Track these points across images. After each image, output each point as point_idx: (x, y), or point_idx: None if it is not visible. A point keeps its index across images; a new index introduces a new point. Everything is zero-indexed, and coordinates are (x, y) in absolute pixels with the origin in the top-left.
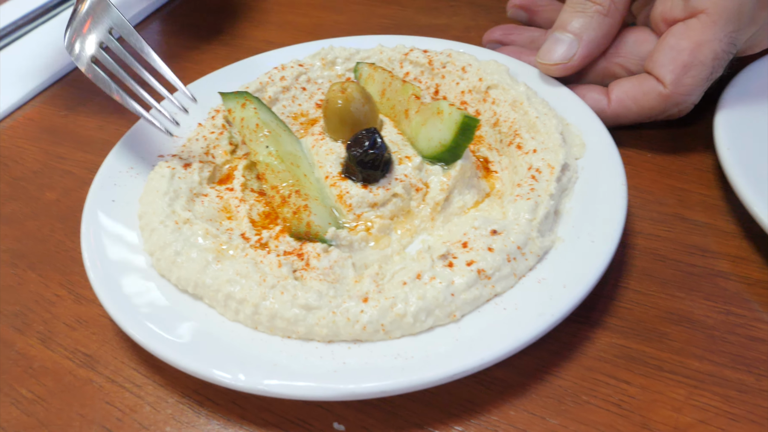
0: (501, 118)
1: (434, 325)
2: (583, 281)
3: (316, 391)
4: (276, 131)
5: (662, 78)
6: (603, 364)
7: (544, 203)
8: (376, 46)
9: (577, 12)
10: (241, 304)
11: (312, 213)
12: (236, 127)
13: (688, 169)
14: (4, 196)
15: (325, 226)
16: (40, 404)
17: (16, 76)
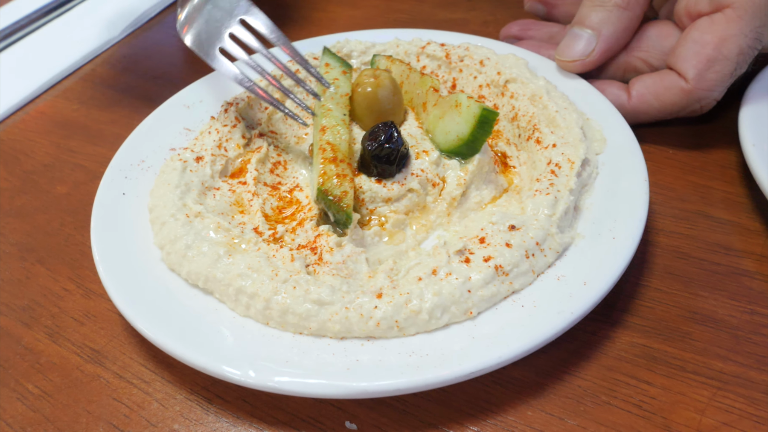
0: (519, 112)
1: (450, 322)
2: (604, 279)
3: (328, 389)
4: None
5: (684, 73)
6: (623, 363)
7: (564, 198)
8: (393, 40)
9: (595, 6)
10: (253, 299)
11: (353, 188)
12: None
13: (711, 165)
14: (14, 189)
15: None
16: (46, 400)
17: (28, 69)
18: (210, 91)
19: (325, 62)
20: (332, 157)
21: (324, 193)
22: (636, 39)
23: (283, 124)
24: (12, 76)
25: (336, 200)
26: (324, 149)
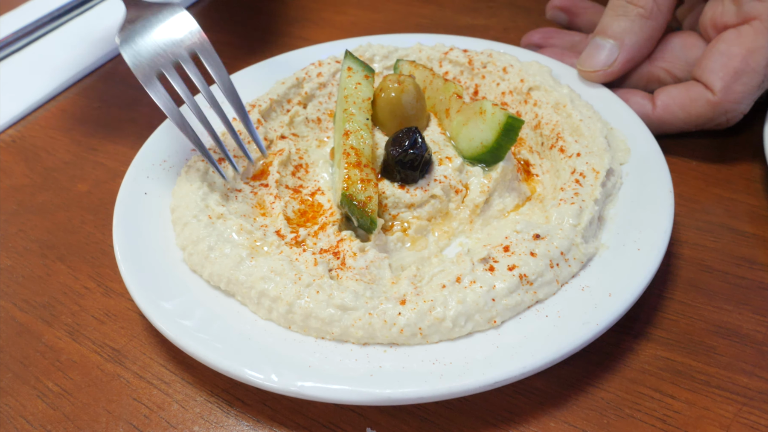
0: (543, 120)
1: (473, 331)
2: (630, 290)
3: (351, 395)
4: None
5: (711, 85)
6: (647, 376)
7: (589, 208)
8: (415, 45)
9: (618, 15)
10: (275, 302)
11: (377, 193)
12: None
13: (735, 178)
14: (35, 186)
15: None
16: (66, 398)
17: (50, 66)
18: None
19: (347, 66)
20: (356, 162)
21: (348, 198)
22: (660, 49)
23: (305, 127)
24: (33, 73)
25: (360, 205)
26: (348, 154)
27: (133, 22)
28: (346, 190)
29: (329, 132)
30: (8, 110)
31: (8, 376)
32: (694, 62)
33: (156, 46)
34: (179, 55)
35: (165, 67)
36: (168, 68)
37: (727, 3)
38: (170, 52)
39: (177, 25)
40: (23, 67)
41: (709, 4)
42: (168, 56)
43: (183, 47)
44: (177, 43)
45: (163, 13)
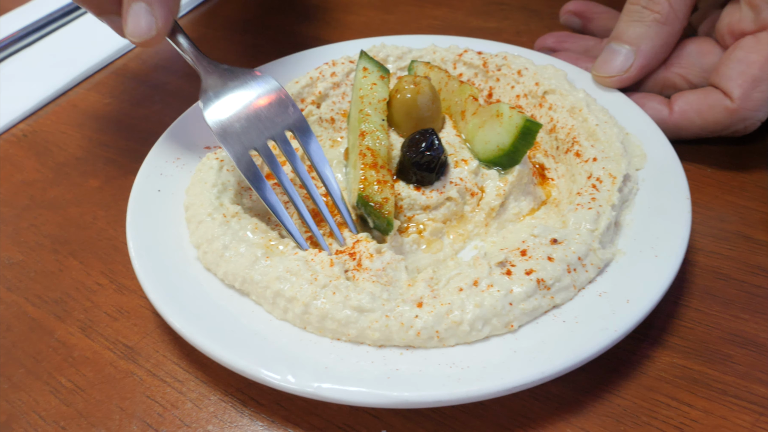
0: (558, 124)
1: (490, 335)
2: (648, 297)
3: (369, 398)
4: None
5: (729, 92)
6: (664, 384)
7: (606, 214)
8: (429, 46)
9: (634, 21)
10: (291, 303)
11: (393, 194)
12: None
13: (750, 186)
14: (47, 181)
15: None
16: (79, 394)
17: (62, 61)
18: None
19: (362, 66)
20: (372, 163)
21: (365, 200)
22: (676, 55)
23: (318, 127)
24: (45, 68)
25: (377, 207)
26: (364, 154)
27: (218, 95)
28: (362, 191)
29: (343, 132)
30: (19, 104)
31: (21, 372)
32: (709, 69)
33: (250, 124)
34: (274, 134)
35: (257, 143)
36: (261, 145)
37: (744, 9)
38: (265, 129)
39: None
40: (35, 62)
41: (726, 11)
42: (263, 134)
43: (278, 124)
44: (271, 119)
45: (249, 82)
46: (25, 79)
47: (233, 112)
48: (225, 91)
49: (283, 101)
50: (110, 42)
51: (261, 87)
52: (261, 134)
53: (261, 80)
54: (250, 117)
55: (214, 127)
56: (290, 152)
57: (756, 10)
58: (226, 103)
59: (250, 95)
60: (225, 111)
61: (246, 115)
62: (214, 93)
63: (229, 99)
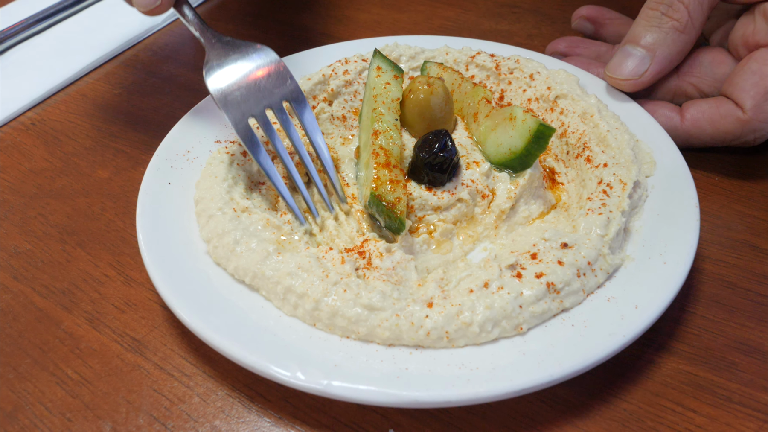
0: (569, 129)
1: (500, 337)
2: (656, 303)
3: (378, 396)
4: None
5: (742, 102)
6: (669, 390)
7: (617, 220)
8: (442, 47)
9: (652, 26)
10: (302, 299)
11: (406, 194)
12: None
13: (757, 195)
14: (55, 171)
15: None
16: (86, 386)
17: (71, 50)
18: None
19: (376, 65)
20: (385, 162)
21: (377, 199)
22: (688, 64)
23: (330, 124)
24: (54, 57)
25: (389, 206)
26: (377, 154)
27: (220, 65)
28: (375, 191)
29: (354, 130)
30: (28, 93)
31: (27, 362)
32: (722, 79)
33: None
34: (272, 103)
35: (256, 111)
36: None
37: (759, 22)
38: (263, 98)
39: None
40: (44, 50)
41: (741, 22)
42: (261, 103)
43: (276, 94)
44: (269, 89)
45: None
46: (34, 68)
47: (234, 80)
48: (227, 61)
49: (282, 73)
50: (120, 32)
51: (261, 59)
52: (259, 102)
53: (261, 52)
54: (249, 86)
55: (216, 94)
56: (286, 120)
57: None
58: (227, 72)
59: (250, 66)
60: (226, 80)
61: (246, 84)
62: (216, 63)
63: (231, 69)
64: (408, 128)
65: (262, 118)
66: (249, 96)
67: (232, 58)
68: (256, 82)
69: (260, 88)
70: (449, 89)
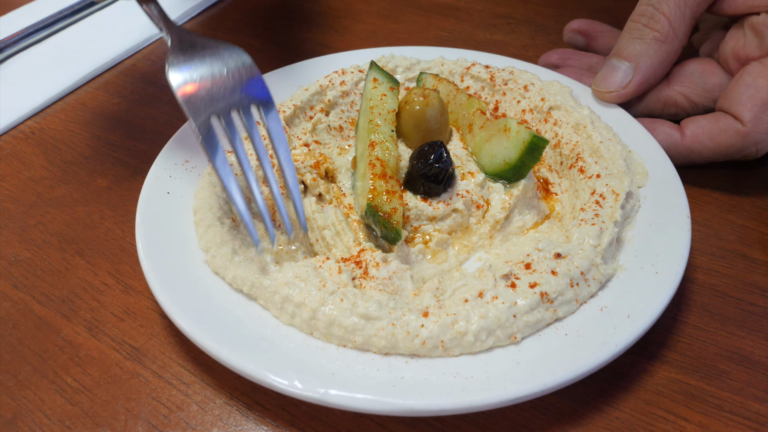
0: (563, 140)
1: (494, 346)
2: (648, 313)
3: (375, 405)
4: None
5: (740, 116)
6: (661, 398)
7: (609, 230)
8: (438, 58)
9: (634, 38)
10: (299, 308)
11: (402, 204)
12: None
13: (747, 205)
14: (55, 179)
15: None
16: (85, 394)
17: (70, 60)
18: None
19: (373, 77)
20: (382, 173)
21: (374, 209)
22: (678, 74)
23: (326, 134)
24: (53, 66)
25: (385, 217)
26: (373, 164)
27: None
28: (371, 201)
29: (351, 140)
30: (27, 102)
31: (27, 369)
32: (711, 89)
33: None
34: (236, 103)
35: (220, 112)
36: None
37: (749, 35)
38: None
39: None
40: (43, 59)
41: (730, 35)
42: (227, 102)
43: (244, 97)
44: (237, 91)
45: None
46: (34, 77)
47: (198, 76)
48: (194, 58)
49: (253, 75)
50: (119, 42)
51: (232, 59)
52: (225, 102)
53: (233, 52)
54: (216, 84)
55: (178, 88)
56: (252, 125)
57: (760, 36)
58: (192, 68)
59: (218, 64)
60: (191, 75)
61: (212, 83)
62: (183, 58)
63: (197, 65)
64: (404, 139)
65: (227, 117)
66: (214, 94)
67: (199, 55)
68: (224, 82)
69: (227, 88)
70: (444, 100)
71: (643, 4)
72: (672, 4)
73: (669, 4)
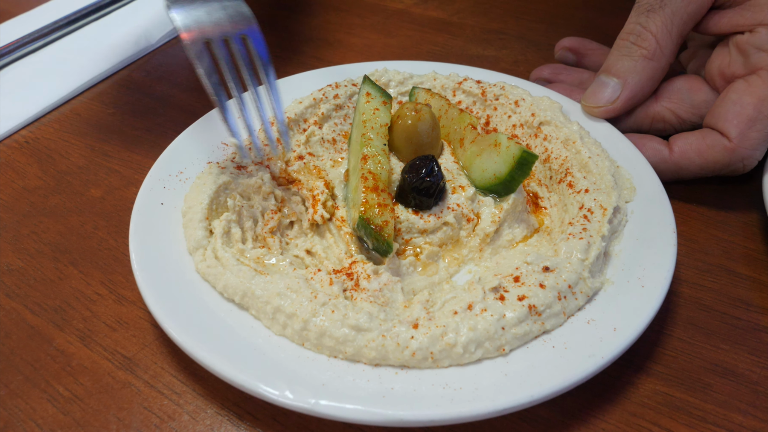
0: (552, 155)
1: (483, 358)
2: (634, 326)
3: (365, 416)
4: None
5: (727, 132)
6: (647, 410)
7: (597, 244)
8: (430, 73)
9: (622, 55)
10: (291, 319)
11: (393, 218)
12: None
13: (733, 221)
14: (48, 189)
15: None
16: (77, 403)
17: (66, 70)
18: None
19: (366, 91)
20: (374, 186)
21: (365, 222)
22: (666, 90)
23: (320, 147)
24: (48, 75)
25: (377, 229)
26: (366, 178)
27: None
28: (363, 214)
29: (343, 153)
30: (22, 111)
31: (19, 379)
32: (698, 105)
33: (209, 16)
34: (228, 33)
35: (213, 39)
36: (216, 42)
37: (734, 54)
38: (220, 27)
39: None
40: (38, 69)
41: (716, 54)
42: (218, 29)
43: (234, 26)
44: (228, 21)
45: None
46: (29, 86)
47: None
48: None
49: (251, 24)
50: (114, 52)
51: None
52: (220, 31)
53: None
54: (212, 19)
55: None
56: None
57: (744, 55)
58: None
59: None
60: (190, 6)
61: (209, 17)
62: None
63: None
64: (396, 153)
65: (221, 47)
66: (211, 23)
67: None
68: (220, 21)
69: (224, 25)
70: (436, 115)
71: (631, 23)
72: (659, 22)
73: (656, 23)
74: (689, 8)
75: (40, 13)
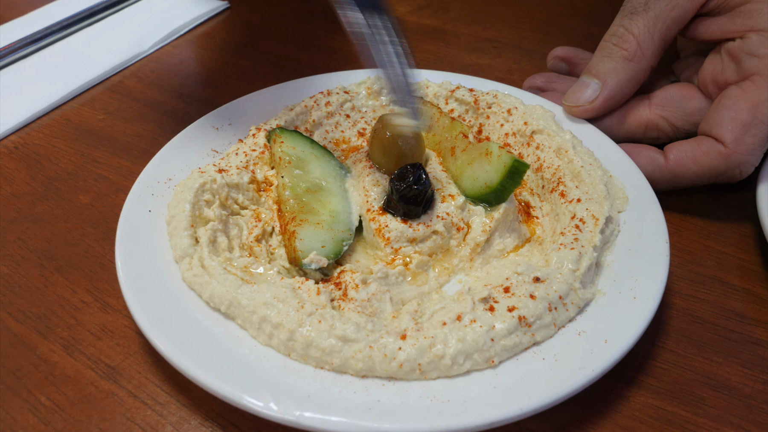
0: (545, 164)
1: (471, 369)
2: (625, 338)
3: (350, 428)
4: (304, 159)
5: (722, 138)
6: (638, 424)
7: (588, 254)
8: (423, 80)
9: (604, 57)
10: (277, 329)
11: (298, 238)
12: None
13: (727, 232)
14: (36, 195)
15: (307, 250)
16: (58, 413)
17: (56, 75)
18: (239, 115)
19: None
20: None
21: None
22: (659, 98)
23: None
24: (38, 81)
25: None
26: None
27: None
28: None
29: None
30: (12, 116)
31: (0, 388)
32: (692, 113)
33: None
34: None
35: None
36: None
37: (726, 61)
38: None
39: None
40: (29, 74)
41: (708, 61)
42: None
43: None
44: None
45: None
46: (19, 91)
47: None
48: None
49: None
50: (106, 58)
51: None
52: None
53: None
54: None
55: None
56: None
57: (737, 61)
58: None
59: None
60: None
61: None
62: None
63: None
64: (379, 166)
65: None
66: None
67: None
68: None
69: None
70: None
71: (615, 25)
72: (641, 25)
73: (638, 26)
74: (673, 13)
75: (33, 18)
